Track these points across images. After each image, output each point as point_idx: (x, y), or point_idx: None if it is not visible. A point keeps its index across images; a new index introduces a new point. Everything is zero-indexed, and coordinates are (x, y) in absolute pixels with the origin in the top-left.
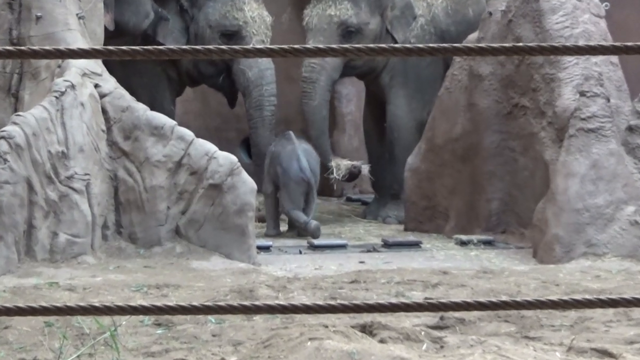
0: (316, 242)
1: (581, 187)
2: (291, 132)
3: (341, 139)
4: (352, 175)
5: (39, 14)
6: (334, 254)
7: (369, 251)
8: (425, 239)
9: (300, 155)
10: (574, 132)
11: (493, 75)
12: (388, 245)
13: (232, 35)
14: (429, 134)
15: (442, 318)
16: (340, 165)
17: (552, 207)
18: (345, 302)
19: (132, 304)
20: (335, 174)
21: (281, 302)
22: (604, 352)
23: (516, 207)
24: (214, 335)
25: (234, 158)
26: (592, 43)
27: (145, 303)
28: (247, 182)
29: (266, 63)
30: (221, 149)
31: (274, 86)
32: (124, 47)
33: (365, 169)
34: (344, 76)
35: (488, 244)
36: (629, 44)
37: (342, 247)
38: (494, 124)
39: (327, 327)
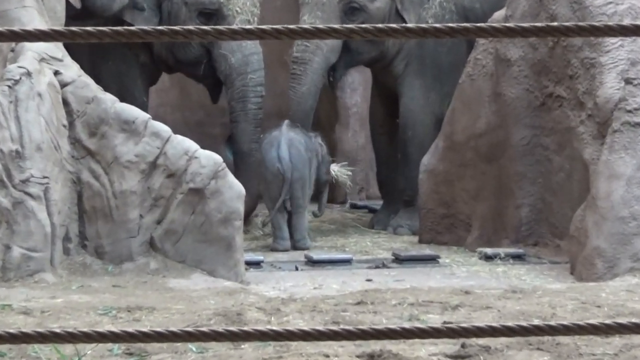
0: (315, 256)
1: (627, 191)
2: (286, 121)
3: (344, 136)
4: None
5: None
6: (336, 271)
7: (377, 267)
8: (443, 252)
9: (282, 142)
10: (618, 126)
11: (523, 60)
12: (400, 260)
13: (212, 14)
14: (447, 130)
15: (463, 345)
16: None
17: (593, 214)
18: (350, 327)
19: (99, 329)
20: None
21: (274, 328)
22: None
23: (550, 215)
24: None
25: (218, 158)
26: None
27: (114, 329)
28: (233, 187)
29: (252, 47)
30: (203, 147)
31: (261, 74)
32: (89, 28)
33: (338, 171)
34: (348, 67)
35: (517, 258)
36: None
37: (346, 262)
38: (524, 117)
39: (328, 356)
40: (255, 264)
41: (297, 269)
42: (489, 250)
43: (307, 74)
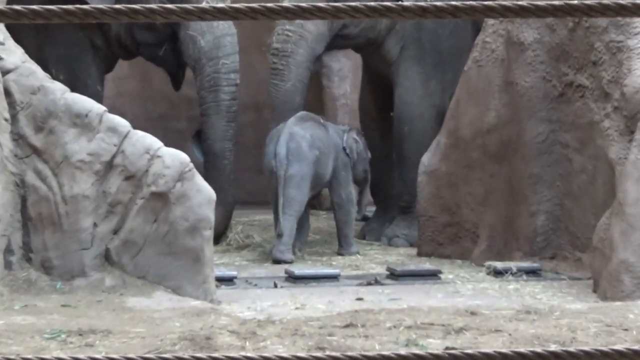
0: (297, 271)
1: None
2: (302, 112)
3: None
4: None
5: None
6: (321, 288)
7: (369, 284)
8: (446, 267)
9: (282, 136)
10: None
11: (539, 43)
12: (395, 275)
13: None
14: (451, 125)
15: None
16: None
17: (620, 223)
18: (337, 354)
19: (47, 356)
20: None
21: (249, 354)
22: None
23: (570, 223)
24: None
25: (184, 157)
26: None
27: (63, 355)
28: (202, 190)
29: (225, 28)
30: (167, 144)
31: (236, 59)
32: (35, 7)
33: None
34: (333, 49)
35: (532, 273)
36: None
37: (333, 278)
38: (539, 109)
39: None
40: (228, 280)
41: (276, 285)
42: (498, 265)
43: (291, 69)
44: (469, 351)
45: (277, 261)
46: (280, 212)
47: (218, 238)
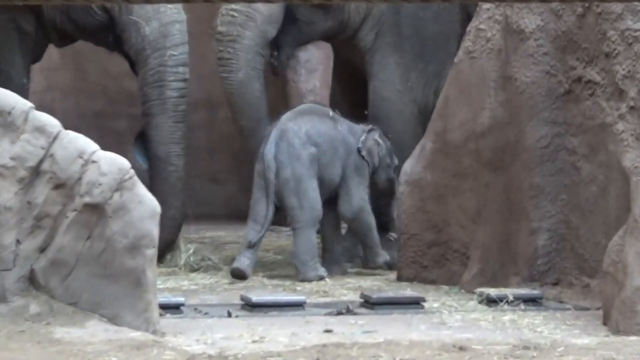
0: (255, 297)
1: None
2: (307, 105)
3: None
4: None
5: None
6: (284, 318)
7: (340, 313)
8: (431, 293)
9: (272, 134)
10: None
11: (542, 31)
12: (371, 303)
13: None
14: (438, 126)
15: None
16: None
17: (635, 243)
18: None
19: None
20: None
21: None
22: None
23: (577, 243)
24: None
25: (124, 163)
26: None
27: None
28: (145, 202)
29: (174, 13)
30: (105, 147)
31: (185, 50)
32: None
33: None
34: (297, 43)
35: (532, 302)
36: None
37: (298, 306)
38: (542, 109)
39: None
40: (174, 308)
41: (230, 315)
42: (492, 291)
43: (239, 55)
44: None
45: (310, 280)
46: (263, 225)
47: (161, 257)
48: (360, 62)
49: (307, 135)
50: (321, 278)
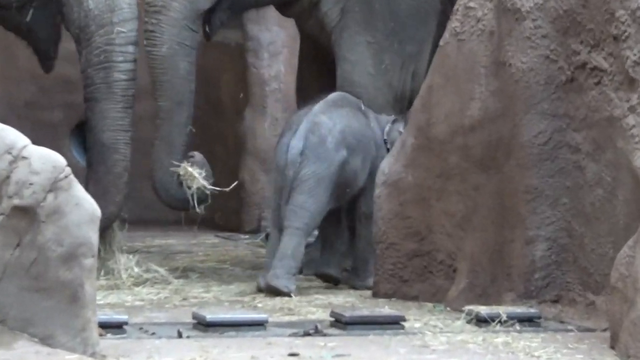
0: (210, 316)
1: None
2: (336, 93)
3: (258, 126)
4: (200, 199)
5: None
6: (242, 339)
7: (307, 334)
8: (411, 312)
9: (304, 126)
10: None
11: (541, 10)
12: (343, 323)
13: None
14: (421, 119)
15: None
16: (191, 176)
17: None
18: None
19: None
20: (190, 190)
21: None
22: None
23: (580, 254)
24: None
25: (59, 160)
26: None
27: None
28: (83, 204)
29: None
30: (37, 141)
31: (135, 26)
32: None
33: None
34: (234, 10)
35: (528, 322)
36: None
37: (259, 325)
38: (541, 100)
39: None
40: (116, 327)
41: (180, 335)
42: (483, 310)
43: (163, 28)
44: None
45: (271, 290)
46: (274, 226)
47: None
48: (326, 40)
49: (341, 134)
50: (287, 293)
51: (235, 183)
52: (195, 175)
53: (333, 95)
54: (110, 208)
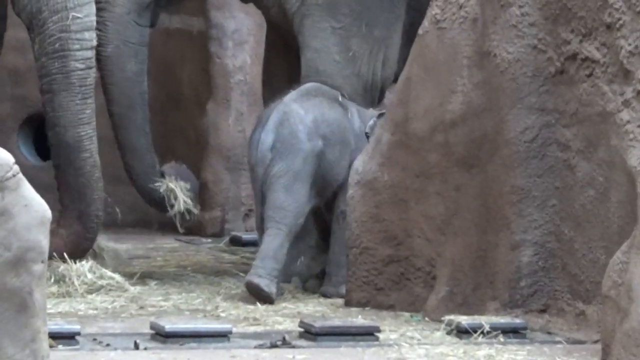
0: (169, 326)
1: None
2: (312, 84)
3: (221, 121)
4: (183, 219)
5: None
6: (204, 351)
7: (273, 346)
8: (387, 322)
9: (272, 118)
10: None
11: None
12: (313, 334)
13: None
14: (398, 114)
15: None
16: (175, 192)
17: None
18: None
19: None
20: (172, 210)
21: None
22: None
23: (570, 260)
24: None
25: (6, 157)
26: None
27: None
28: (32, 206)
29: None
30: None
31: (92, 11)
32: None
33: (175, 189)
34: None
35: (513, 333)
36: None
37: (222, 336)
38: (528, 94)
39: None
40: (68, 338)
41: (137, 346)
42: (464, 320)
43: (107, 26)
44: None
45: (252, 289)
46: (258, 228)
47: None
48: (290, 28)
49: (314, 123)
50: (268, 294)
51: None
52: (178, 194)
53: (306, 85)
54: (91, 209)
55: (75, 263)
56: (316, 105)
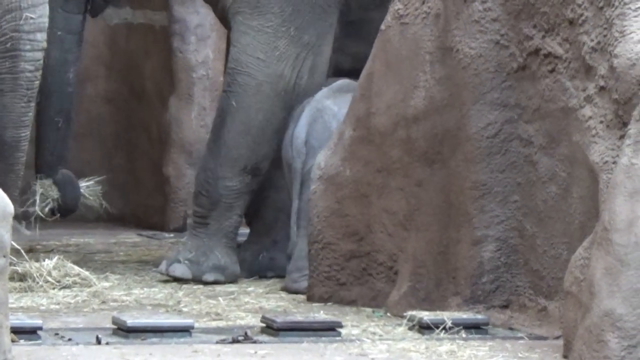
0: (130, 321)
1: None
2: (341, 80)
3: (184, 116)
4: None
5: None
6: (166, 346)
7: (236, 341)
8: (349, 317)
9: (306, 114)
10: None
11: None
12: (274, 329)
13: None
14: (360, 109)
15: None
16: (36, 194)
17: (605, 257)
18: None
19: None
20: (37, 207)
21: None
22: None
23: (532, 256)
24: None
25: None
26: None
27: None
28: None
29: None
30: None
31: (45, 12)
32: None
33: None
34: None
35: (475, 329)
36: None
37: (184, 331)
38: (490, 89)
39: None
40: (30, 333)
41: (99, 341)
42: (426, 315)
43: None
44: None
45: (292, 292)
46: (294, 223)
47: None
48: (228, 25)
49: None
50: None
51: None
52: (37, 197)
53: (338, 82)
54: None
55: (42, 260)
56: (348, 102)
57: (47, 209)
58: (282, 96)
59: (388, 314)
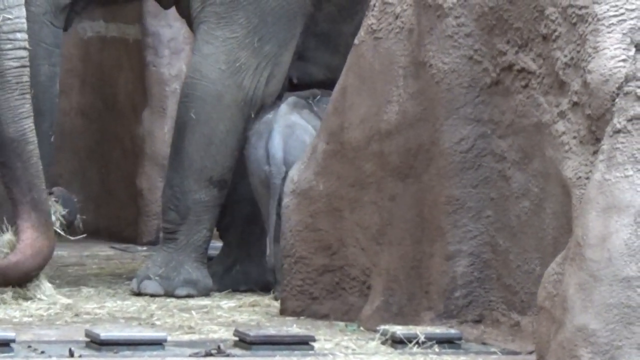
0: (103, 334)
1: (636, 233)
2: (290, 97)
3: (157, 129)
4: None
5: None
6: (139, 359)
7: (208, 355)
8: (322, 331)
9: (277, 130)
10: (623, 123)
11: (464, 7)
12: (247, 343)
13: None
14: (333, 123)
15: None
16: (54, 206)
17: (577, 272)
18: None
19: None
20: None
21: None
22: None
23: (505, 271)
24: None
25: None
26: None
27: None
28: None
29: None
30: None
31: (22, 13)
32: None
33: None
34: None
35: (448, 344)
36: None
37: (157, 345)
38: (464, 104)
39: None
40: (3, 345)
41: (72, 354)
42: (399, 330)
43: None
44: None
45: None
46: (271, 238)
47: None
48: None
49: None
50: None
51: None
52: (52, 215)
53: (291, 98)
54: (44, 196)
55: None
56: (308, 115)
57: (60, 226)
58: (242, 106)
59: (361, 328)
